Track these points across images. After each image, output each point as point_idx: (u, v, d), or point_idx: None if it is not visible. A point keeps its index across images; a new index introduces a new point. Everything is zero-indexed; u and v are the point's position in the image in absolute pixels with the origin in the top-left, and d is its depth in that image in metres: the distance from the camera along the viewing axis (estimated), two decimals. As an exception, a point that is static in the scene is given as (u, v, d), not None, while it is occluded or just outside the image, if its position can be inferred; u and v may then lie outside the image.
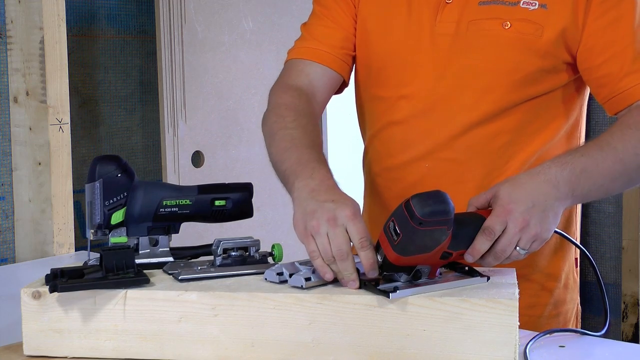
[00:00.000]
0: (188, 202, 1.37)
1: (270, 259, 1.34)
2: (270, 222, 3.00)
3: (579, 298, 1.64)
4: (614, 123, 1.44)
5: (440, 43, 1.49)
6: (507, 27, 1.46)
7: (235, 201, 1.39)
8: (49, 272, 1.24)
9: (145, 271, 1.26)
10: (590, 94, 1.56)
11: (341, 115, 2.97)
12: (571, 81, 1.51)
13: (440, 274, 1.21)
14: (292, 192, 1.31)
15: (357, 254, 1.27)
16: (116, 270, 1.23)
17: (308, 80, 1.57)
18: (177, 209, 1.36)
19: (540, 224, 1.26)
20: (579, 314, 1.64)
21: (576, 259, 1.61)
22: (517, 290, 1.16)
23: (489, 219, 1.24)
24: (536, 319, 1.51)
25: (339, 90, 1.63)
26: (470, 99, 1.48)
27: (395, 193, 1.54)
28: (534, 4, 1.46)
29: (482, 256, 1.25)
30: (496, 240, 1.24)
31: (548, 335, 1.27)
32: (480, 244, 1.23)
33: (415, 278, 1.17)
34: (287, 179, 1.35)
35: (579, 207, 1.62)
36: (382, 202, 1.59)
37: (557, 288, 1.56)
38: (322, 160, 1.36)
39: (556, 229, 1.37)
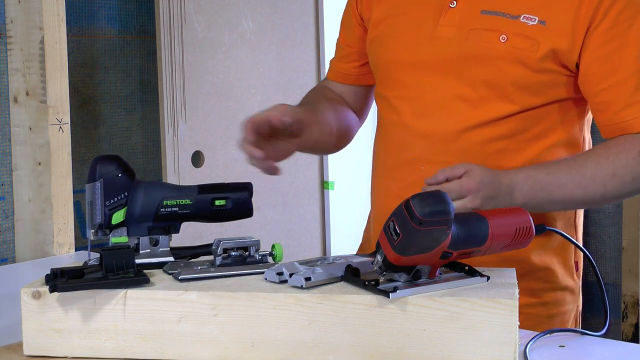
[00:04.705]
0: (188, 201, 1.37)
1: (270, 259, 1.34)
2: (270, 222, 3.00)
3: (580, 301, 1.63)
4: (601, 144, 1.48)
5: (439, 46, 1.50)
6: (503, 41, 1.45)
7: (235, 201, 1.39)
8: (49, 272, 1.24)
9: (145, 271, 1.26)
10: None
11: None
12: (572, 93, 1.50)
13: (440, 274, 1.21)
14: None
15: (357, 254, 1.27)
16: (116, 270, 1.23)
17: (336, 92, 1.77)
18: (177, 209, 1.36)
19: (483, 207, 1.37)
20: (579, 318, 1.63)
21: (576, 262, 1.60)
22: (517, 290, 1.16)
23: (454, 183, 1.36)
24: (532, 317, 1.51)
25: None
26: (466, 106, 1.48)
27: (393, 192, 1.55)
28: (533, 19, 1.45)
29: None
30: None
31: (548, 335, 1.27)
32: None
33: (415, 278, 1.17)
34: None
35: (581, 211, 1.62)
36: (384, 200, 1.60)
37: (553, 290, 1.56)
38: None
39: (557, 230, 1.38)
